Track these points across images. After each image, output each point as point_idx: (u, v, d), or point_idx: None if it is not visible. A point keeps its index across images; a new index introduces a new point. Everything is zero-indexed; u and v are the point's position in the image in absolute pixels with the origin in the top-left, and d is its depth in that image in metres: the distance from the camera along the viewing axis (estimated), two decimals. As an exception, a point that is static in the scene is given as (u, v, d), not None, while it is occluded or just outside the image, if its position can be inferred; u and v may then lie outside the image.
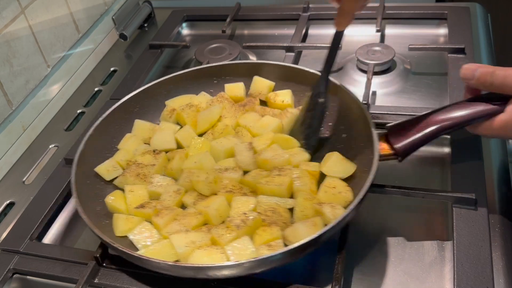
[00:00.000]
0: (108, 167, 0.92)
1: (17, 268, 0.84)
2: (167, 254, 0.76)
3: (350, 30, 1.28)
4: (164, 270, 0.73)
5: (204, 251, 0.75)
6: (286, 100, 1.00)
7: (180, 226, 0.80)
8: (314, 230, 0.74)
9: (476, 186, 0.82)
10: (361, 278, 0.76)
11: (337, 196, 0.81)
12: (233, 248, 0.75)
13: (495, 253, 0.75)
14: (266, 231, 0.77)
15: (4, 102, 1.04)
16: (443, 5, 1.28)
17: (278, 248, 0.73)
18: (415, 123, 0.79)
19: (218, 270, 0.70)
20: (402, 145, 0.79)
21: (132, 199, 0.86)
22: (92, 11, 1.33)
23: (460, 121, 0.77)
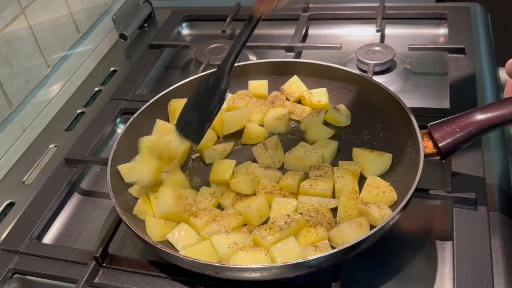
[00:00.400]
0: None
1: (17, 268, 0.84)
2: (209, 255, 0.75)
3: (350, 30, 1.30)
4: (210, 271, 0.72)
5: (247, 252, 0.74)
6: (323, 100, 1.00)
7: (220, 227, 0.79)
8: (360, 231, 0.74)
9: (476, 186, 0.82)
10: (361, 278, 0.76)
11: (381, 196, 0.80)
12: (278, 249, 0.73)
13: (495, 253, 0.75)
14: (311, 232, 0.77)
15: (4, 102, 1.04)
16: (443, 5, 1.28)
17: (325, 249, 0.73)
18: (458, 121, 0.78)
19: (266, 271, 0.69)
20: (446, 143, 0.77)
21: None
22: (92, 11, 1.33)
23: (504, 120, 0.76)
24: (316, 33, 1.30)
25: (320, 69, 1.03)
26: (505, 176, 0.87)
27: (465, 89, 1.02)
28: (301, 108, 1.01)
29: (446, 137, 0.78)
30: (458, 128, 0.77)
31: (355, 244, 0.68)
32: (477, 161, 0.86)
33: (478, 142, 0.90)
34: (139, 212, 0.85)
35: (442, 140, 0.78)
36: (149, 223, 0.82)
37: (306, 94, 1.02)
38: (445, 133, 0.78)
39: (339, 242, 0.74)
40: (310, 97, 1.01)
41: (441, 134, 0.78)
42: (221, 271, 0.70)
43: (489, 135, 0.93)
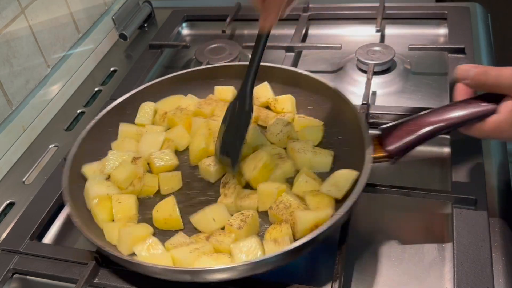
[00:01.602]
0: (96, 170, 0.92)
1: (17, 268, 0.84)
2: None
3: (350, 30, 1.30)
4: (159, 275, 0.72)
5: (211, 256, 0.75)
6: (286, 108, 0.99)
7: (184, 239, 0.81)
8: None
9: (476, 186, 0.82)
10: (361, 278, 0.76)
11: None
12: (239, 248, 0.74)
13: (495, 253, 0.75)
14: (276, 228, 0.77)
15: (4, 102, 1.04)
16: (443, 5, 1.28)
17: (285, 244, 0.73)
18: (409, 124, 0.79)
19: (217, 273, 0.69)
20: (395, 147, 0.78)
21: (119, 209, 0.85)
22: (92, 11, 1.33)
23: (453, 123, 0.76)
24: (316, 33, 1.30)
25: (285, 74, 1.02)
26: (505, 176, 0.87)
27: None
28: (266, 113, 1.00)
29: (395, 141, 0.79)
30: (408, 131, 0.78)
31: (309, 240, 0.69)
32: (477, 161, 0.86)
33: (478, 142, 0.90)
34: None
35: (391, 144, 0.79)
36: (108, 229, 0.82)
37: (272, 101, 1.01)
38: (394, 137, 0.79)
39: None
40: (275, 104, 1.00)
41: (391, 138, 0.79)
42: (170, 274, 0.71)
43: (489, 135, 0.93)
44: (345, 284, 0.74)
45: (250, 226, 0.79)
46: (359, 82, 1.11)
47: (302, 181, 0.84)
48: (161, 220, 0.83)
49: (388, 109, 0.99)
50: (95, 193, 0.86)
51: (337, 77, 1.15)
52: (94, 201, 0.85)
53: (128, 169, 0.89)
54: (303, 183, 0.84)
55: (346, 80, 1.13)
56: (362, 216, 0.85)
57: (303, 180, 0.84)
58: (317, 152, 0.89)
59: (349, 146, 0.88)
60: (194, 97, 1.05)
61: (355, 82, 1.12)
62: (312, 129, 0.94)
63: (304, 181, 0.84)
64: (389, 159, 0.79)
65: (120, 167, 0.89)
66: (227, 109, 0.89)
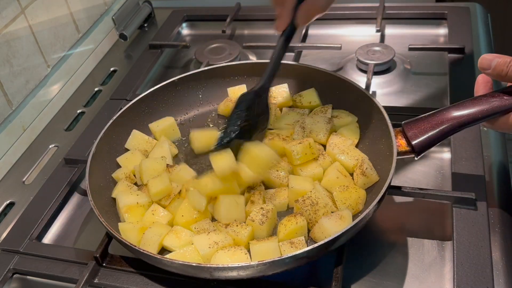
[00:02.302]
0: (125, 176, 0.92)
1: (17, 268, 0.84)
2: (192, 257, 0.76)
3: (350, 30, 1.30)
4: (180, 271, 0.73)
5: (228, 252, 0.75)
6: (313, 101, 1.00)
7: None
8: (341, 224, 0.75)
9: (476, 186, 0.82)
10: (361, 278, 0.76)
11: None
12: (257, 248, 0.75)
13: (495, 253, 0.75)
14: (291, 220, 0.78)
15: (4, 102, 1.04)
16: (443, 5, 1.28)
17: (301, 246, 0.74)
18: (431, 119, 0.79)
19: (243, 270, 0.70)
20: (419, 141, 0.78)
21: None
22: (92, 11, 1.33)
23: (476, 117, 0.76)
24: (316, 33, 1.30)
25: (301, 71, 1.02)
26: (505, 176, 0.87)
27: (465, 89, 1.02)
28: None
29: (419, 135, 0.79)
30: (431, 126, 0.78)
31: (331, 240, 0.69)
32: (477, 161, 0.86)
33: (478, 142, 0.90)
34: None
35: (415, 138, 0.79)
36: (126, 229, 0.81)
37: (296, 97, 1.01)
38: (418, 131, 0.79)
39: (321, 237, 0.75)
40: (300, 99, 1.00)
41: (415, 132, 0.79)
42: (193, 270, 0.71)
43: (489, 135, 0.93)
44: (345, 284, 0.74)
45: (271, 220, 0.80)
46: (359, 82, 1.10)
47: (333, 176, 0.84)
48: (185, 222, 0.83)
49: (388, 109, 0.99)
50: (125, 203, 0.85)
51: (337, 77, 1.15)
52: (123, 210, 0.84)
53: (164, 183, 0.87)
54: (334, 179, 0.84)
55: (346, 80, 1.13)
56: (362, 216, 0.85)
57: (334, 175, 0.84)
58: (350, 153, 0.88)
59: (371, 142, 0.89)
60: None
61: (359, 85, 1.11)
62: (351, 127, 0.93)
63: (335, 177, 0.84)
64: (412, 153, 0.79)
65: (158, 180, 0.87)
66: (240, 99, 0.87)
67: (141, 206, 0.85)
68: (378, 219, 0.85)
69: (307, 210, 0.79)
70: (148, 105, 1.02)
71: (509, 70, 0.72)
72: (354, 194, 0.81)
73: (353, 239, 0.79)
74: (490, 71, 0.74)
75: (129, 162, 0.94)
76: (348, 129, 0.93)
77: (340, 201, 0.80)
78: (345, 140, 0.90)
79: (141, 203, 0.85)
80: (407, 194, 0.82)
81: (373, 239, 0.82)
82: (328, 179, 0.85)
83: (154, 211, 0.84)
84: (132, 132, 0.98)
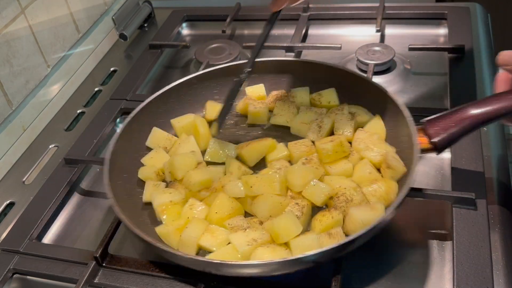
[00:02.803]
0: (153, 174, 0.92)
1: (17, 268, 0.84)
2: (230, 255, 0.75)
3: (350, 30, 1.30)
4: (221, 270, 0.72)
5: (267, 248, 0.75)
6: (333, 100, 0.99)
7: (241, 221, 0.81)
8: (373, 214, 0.75)
9: (476, 186, 0.82)
10: (361, 278, 0.76)
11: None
12: (297, 242, 0.74)
13: (495, 253, 0.75)
14: (326, 215, 0.78)
15: (4, 102, 1.04)
16: (443, 5, 1.28)
17: (339, 237, 0.74)
18: (452, 116, 0.79)
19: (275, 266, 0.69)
20: (440, 139, 0.78)
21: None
22: (92, 11, 1.33)
23: (498, 114, 0.76)
24: (316, 33, 1.30)
25: (322, 69, 1.02)
26: (505, 176, 0.87)
27: (465, 89, 1.02)
28: None
29: (440, 132, 0.78)
30: (452, 123, 0.78)
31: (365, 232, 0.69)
32: (477, 161, 0.86)
33: (478, 142, 0.90)
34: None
35: (437, 135, 0.79)
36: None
37: (315, 96, 1.01)
38: (439, 128, 0.79)
39: (353, 229, 0.75)
40: (319, 98, 1.00)
41: (436, 130, 0.79)
42: (225, 268, 0.70)
43: (489, 135, 0.93)
44: (345, 284, 0.74)
45: (306, 216, 0.80)
46: (359, 82, 1.11)
47: (365, 172, 0.84)
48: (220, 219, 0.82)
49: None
50: (159, 201, 0.85)
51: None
52: (159, 209, 0.84)
53: (205, 174, 0.87)
54: (366, 174, 0.84)
55: (346, 80, 1.13)
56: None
57: (366, 171, 0.84)
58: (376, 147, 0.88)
59: (392, 140, 0.89)
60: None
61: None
62: (376, 121, 0.93)
63: (368, 172, 0.84)
64: (434, 151, 0.79)
65: (198, 170, 0.88)
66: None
67: (175, 204, 0.84)
68: (378, 219, 0.85)
69: (342, 207, 0.79)
70: (164, 103, 1.01)
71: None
72: (383, 186, 0.80)
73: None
74: (511, 67, 0.75)
75: (155, 161, 0.94)
76: (373, 124, 0.93)
77: (370, 195, 0.80)
78: (371, 134, 0.90)
79: (174, 201, 0.85)
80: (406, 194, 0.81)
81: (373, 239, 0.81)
82: (359, 175, 0.85)
83: (192, 205, 0.84)
84: (152, 130, 0.98)
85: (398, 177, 0.83)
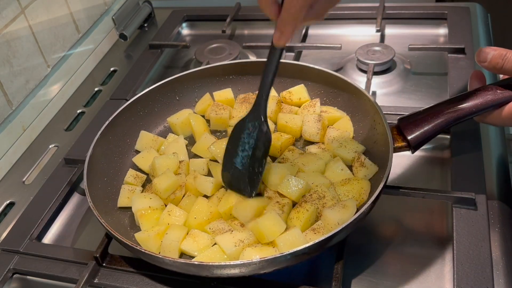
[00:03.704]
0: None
1: (17, 268, 0.84)
2: (218, 257, 0.76)
3: (350, 30, 1.30)
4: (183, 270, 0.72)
5: (255, 248, 0.75)
6: (303, 97, 1.00)
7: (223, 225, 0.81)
8: (345, 212, 0.76)
9: (476, 186, 0.82)
10: (361, 278, 0.76)
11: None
12: (284, 240, 0.74)
13: (495, 253, 0.75)
14: (300, 211, 0.78)
15: (4, 102, 1.04)
16: (443, 5, 1.28)
17: (324, 231, 0.75)
18: (426, 114, 0.80)
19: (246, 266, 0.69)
20: (414, 136, 0.79)
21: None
22: (92, 11, 1.33)
23: (470, 111, 0.77)
24: (316, 33, 1.30)
25: (293, 69, 1.02)
26: (505, 176, 0.87)
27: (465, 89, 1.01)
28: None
29: (414, 131, 0.80)
30: (426, 121, 0.79)
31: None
32: (477, 161, 0.86)
33: (478, 142, 0.90)
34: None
35: (411, 133, 0.80)
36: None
37: (286, 94, 1.01)
38: (413, 127, 0.80)
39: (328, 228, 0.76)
40: (290, 96, 1.01)
41: (410, 128, 0.80)
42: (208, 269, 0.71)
43: (489, 135, 0.93)
44: (345, 284, 0.74)
45: (287, 214, 0.80)
46: (359, 82, 1.11)
47: (337, 169, 0.85)
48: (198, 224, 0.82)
49: (388, 109, 0.99)
50: (138, 206, 0.85)
51: (337, 77, 1.15)
52: (139, 214, 0.84)
53: (170, 178, 0.87)
54: (338, 171, 0.85)
55: (346, 80, 1.13)
56: (362, 216, 0.85)
57: (338, 167, 0.85)
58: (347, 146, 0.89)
59: (367, 139, 0.90)
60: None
61: (355, 82, 1.11)
62: (344, 120, 0.95)
63: (340, 169, 0.85)
64: (408, 148, 0.80)
65: (163, 177, 0.87)
66: (234, 130, 0.83)
67: (154, 209, 0.84)
68: (378, 219, 0.85)
69: (315, 204, 0.79)
70: (144, 106, 1.02)
71: (505, 62, 0.73)
72: (356, 185, 0.81)
73: (353, 239, 0.79)
74: (487, 64, 0.75)
75: (147, 161, 0.94)
76: (342, 122, 0.94)
77: (343, 194, 0.81)
78: (342, 132, 0.91)
79: (154, 207, 0.84)
80: (407, 194, 0.82)
81: (373, 239, 0.82)
82: (331, 172, 0.85)
83: (171, 212, 0.84)
84: (140, 134, 0.99)
85: (370, 176, 0.84)
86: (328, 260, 0.77)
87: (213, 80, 1.06)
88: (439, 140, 0.94)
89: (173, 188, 0.87)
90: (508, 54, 0.73)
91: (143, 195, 0.86)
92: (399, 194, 0.82)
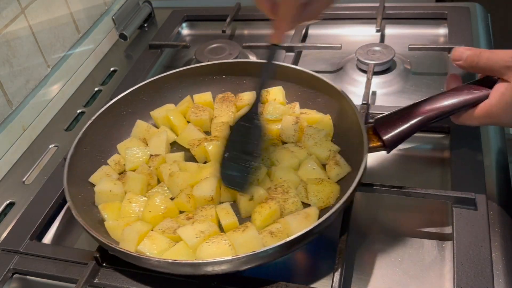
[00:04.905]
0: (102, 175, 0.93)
1: (17, 268, 0.84)
2: (184, 253, 0.76)
3: (350, 30, 1.30)
4: (162, 268, 0.73)
5: (212, 244, 0.75)
6: (278, 98, 1.01)
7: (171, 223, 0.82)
8: (306, 223, 0.76)
9: (476, 186, 0.82)
10: (361, 278, 0.76)
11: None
12: (240, 240, 0.75)
13: (495, 253, 0.75)
14: (264, 207, 0.79)
15: (4, 102, 1.04)
16: (443, 5, 1.28)
17: (282, 236, 0.75)
18: (402, 114, 0.81)
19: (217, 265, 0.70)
20: (389, 136, 0.80)
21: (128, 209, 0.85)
22: (92, 11, 1.33)
23: (445, 110, 0.78)
24: (316, 33, 1.30)
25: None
26: (505, 176, 0.87)
27: (465, 89, 1.02)
28: None
29: (389, 130, 0.81)
30: (401, 121, 0.81)
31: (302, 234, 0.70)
32: (477, 161, 0.86)
33: (478, 142, 0.90)
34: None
35: (386, 133, 0.81)
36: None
37: (264, 92, 1.01)
38: (388, 126, 0.81)
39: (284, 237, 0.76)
40: (266, 96, 1.01)
41: (385, 128, 0.81)
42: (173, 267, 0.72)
43: (488, 135, 0.93)
44: (345, 284, 0.74)
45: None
46: (359, 82, 1.11)
47: (309, 167, 0.86)
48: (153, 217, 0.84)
49: (388, 109, 0.98)
50: (100, 188, 0.88)
51: (337, 77, 1.15)
52: (98, 196, 0.87)
53: (140, 179, 0.89)
54: (310, 170, 0.86)
55: (346, 80, 1.13)
56: (363, 216, 0.85)
57: (311, 166, 0.86)
58: (323, 145, 0.90)
59: (344, 138, 0.90)
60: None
61: (355, 82, 1.12)
62: (325, 119, 0.95)
63: (312, 167, 0.86)
64: (384, 148, 0.81)
65: (133, 178, 0.89)
66: (230, 132, 0.85)
67: (114, 194, 0.87)
68: (377, 219, 0.85)
69: (278, 198, 0.81)
70: (126, 105, 1.03)
71: (480, 60, 0.75)
72: (327, 188, 0.82)
73: (353, 239, 0.79)
74: (462, 62, 0.77)
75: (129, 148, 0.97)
76: (322, 122, 0.95)
77: (312, 193, 0.82)
78: (319, 131, 0.91)
79: (114, 192, 0.87)
80: (407, 194, 0.82)
81: (373, 239, 0.82)
82: (304, 170, 0.86)
83: (131, 199, 0.85)
84: (136, 122, 1.01)
85: (343, 176, 0.85)
86: (328, 259, 0.77)
87: (196, 80, 1.07)
88: (439, 140, 0.94)
89: (145, 183, 0.89)
90: (483, 53, 0.75)
91: (110, 179, 0.89)
92: (399, 194, 0.82)
